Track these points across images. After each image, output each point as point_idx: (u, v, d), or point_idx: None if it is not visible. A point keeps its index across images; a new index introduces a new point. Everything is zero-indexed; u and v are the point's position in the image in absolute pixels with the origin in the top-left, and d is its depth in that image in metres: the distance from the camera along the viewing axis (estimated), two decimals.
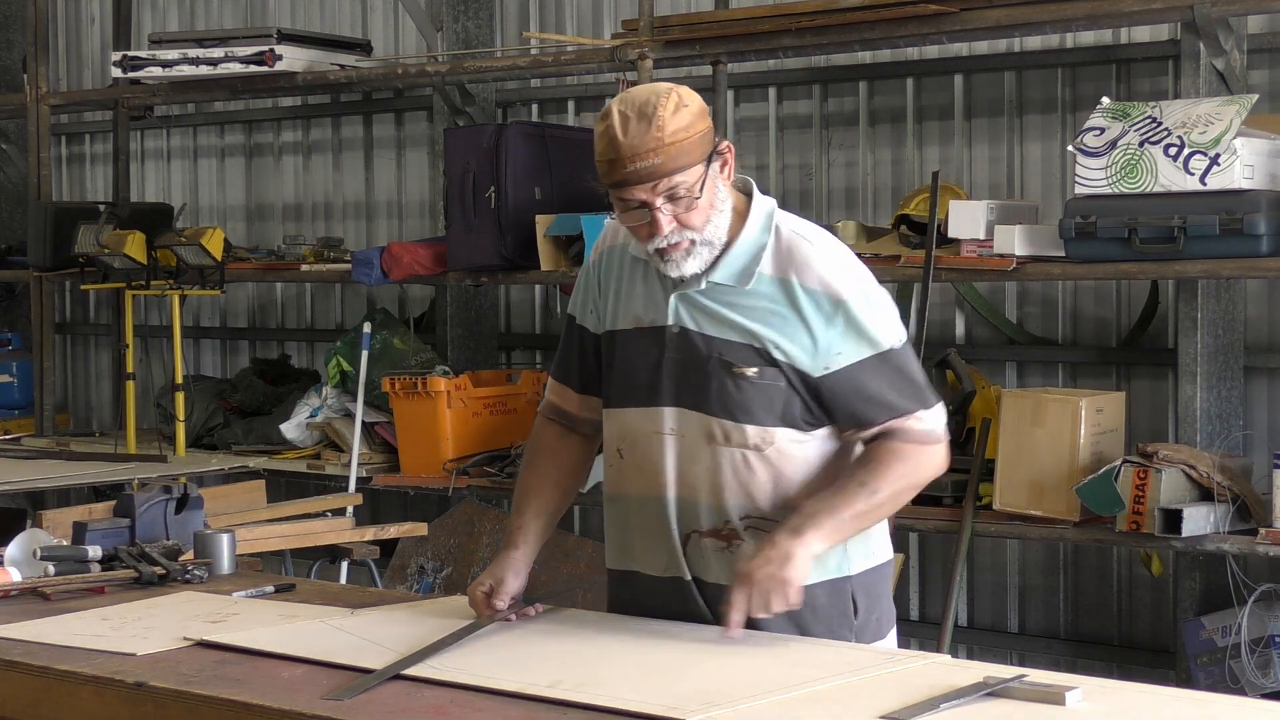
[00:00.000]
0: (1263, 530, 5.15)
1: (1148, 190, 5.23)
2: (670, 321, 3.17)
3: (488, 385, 7.06)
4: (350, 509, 6.03)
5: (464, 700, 2.71)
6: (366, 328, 7.04)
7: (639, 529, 3.26)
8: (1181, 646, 5.56)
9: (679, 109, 3.09)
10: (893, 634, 3.30)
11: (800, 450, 3.15)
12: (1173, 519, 5.17)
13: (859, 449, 3.18)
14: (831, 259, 3.15)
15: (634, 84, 6.40)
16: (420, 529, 6.09)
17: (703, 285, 3.14)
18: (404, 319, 7.94)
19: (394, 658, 2.94)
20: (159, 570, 3.76)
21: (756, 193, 3.22)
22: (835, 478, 3.14)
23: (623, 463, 3.26)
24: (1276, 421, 5.88)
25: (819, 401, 3.13)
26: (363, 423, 6.97)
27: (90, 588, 3.69)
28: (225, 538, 3.93)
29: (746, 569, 3.03)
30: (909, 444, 3.12)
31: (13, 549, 3.81)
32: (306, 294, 8.64)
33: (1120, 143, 5.28)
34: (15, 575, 3.69)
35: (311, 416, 7.31)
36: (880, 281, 3.24)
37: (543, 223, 6.61)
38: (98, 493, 6.95)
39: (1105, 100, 5.51)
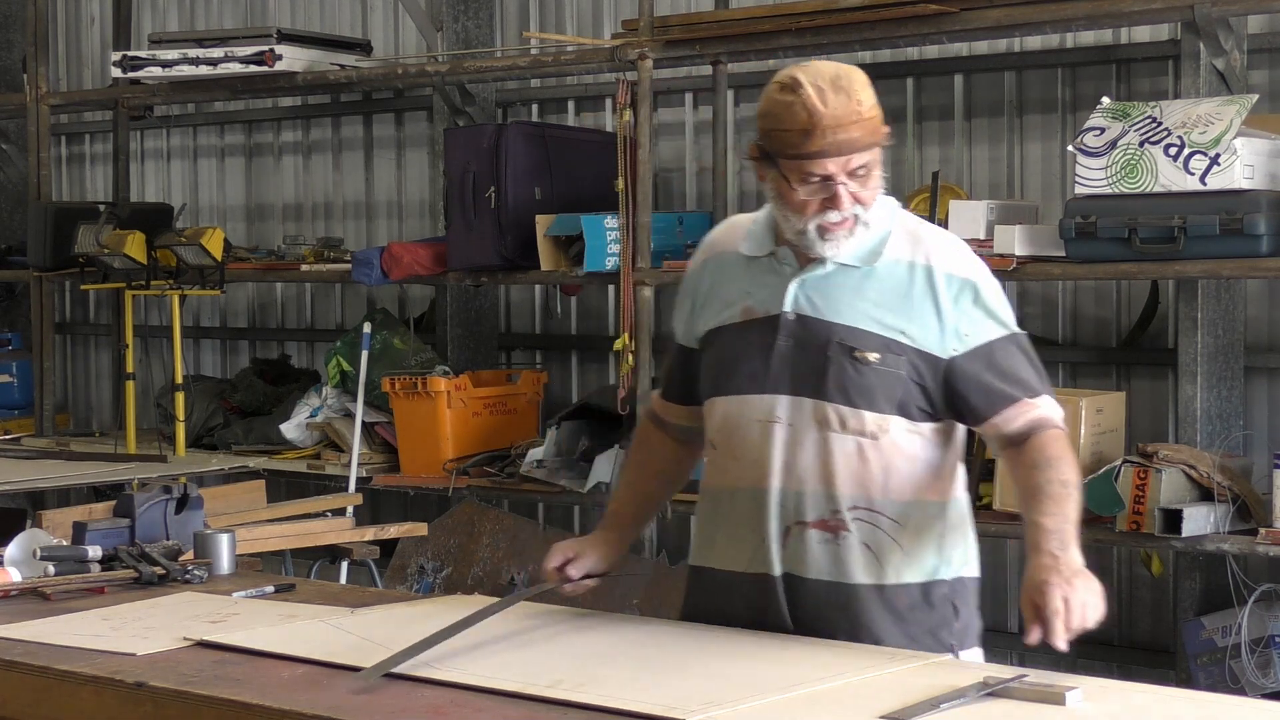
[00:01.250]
0: (1263, 530, 5.15)
1: (1148, 190, 5.23)
2: (787, 309, 3.13)
3: (488, 385, 7.06)
4: (350, 509, 6.02)
5: (464, 700, 2.71)
6: (366, 328, 7.04)
7: (727, 522, 3.22)
8: (1181, 646, 5.56)
9: (866, 86, 3.07)
10: (979, 650, 3.23)
11: (911, 442, 3.11)
12: (1173, 519, 5.17)
13: (995, 436, 3.13)
14: (956, 245, 3.18)
15: (634, 84, 6.41)
16: (420, 529, 6.09)
17: (828, 266, 3.11)
18: (404, 319, 7.94)
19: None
20: (159, 570, 3.76)
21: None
22: (940, 475, 3.14)
23: (716, 454, 3.23)
24: (1276, 421, 5.88)
25: (944, 387, 3.09)
26: (363, 423, 6.97)
27: (90, 588, 3.69)
28: (225, 538, 3.93)
29: (1059, 595, 2.84)
30: (1056, 428, 3.10)
31: (13, 549, 3.81)
32: (306, 294, 8.64)
33: (1120, 143, 5.28)
34: (15, 575, 3.69)
35: (311, 416, 7.31)
36: None
37: (543, 223, 6.61)
38: (98, 493, 6.95)
39: (1105, 100, 5.51)
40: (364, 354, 6.97)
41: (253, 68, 7.29)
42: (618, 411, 6.45)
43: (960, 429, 3.19)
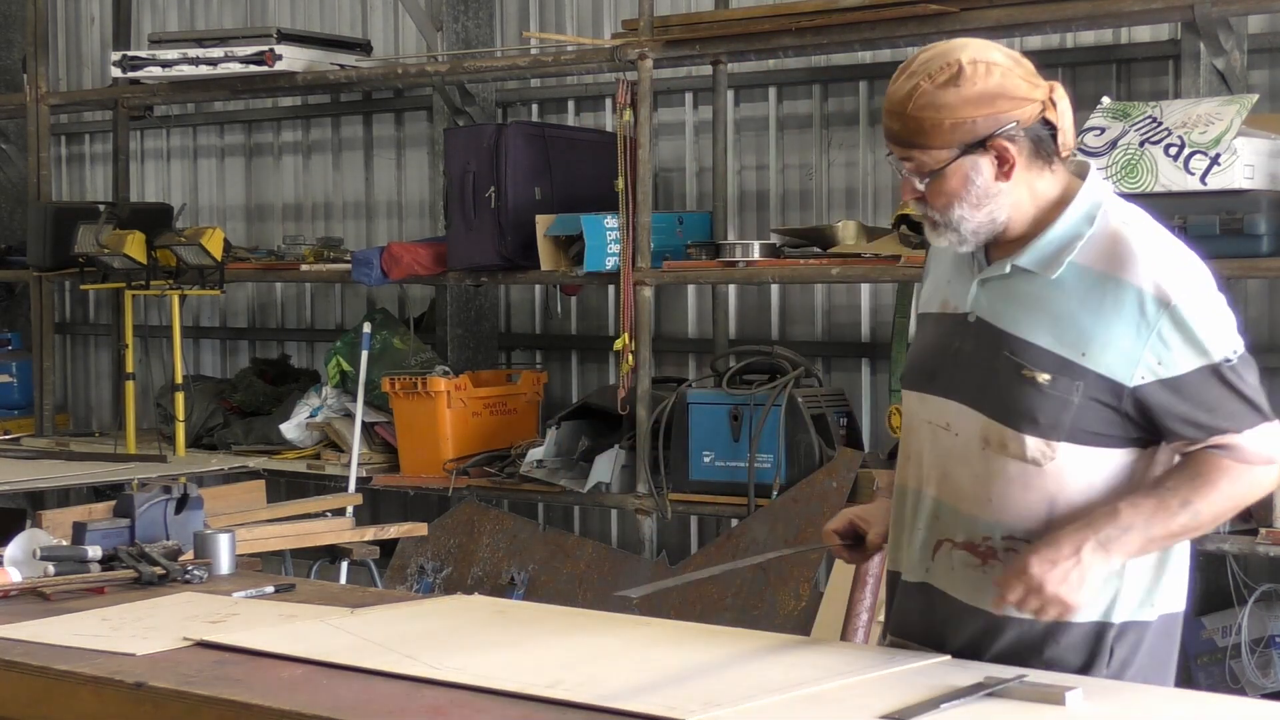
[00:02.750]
0: (1263, 530, 5.15)
1: (1148, 190, 5.23)
2: (969, 309, 2.89)
3: (488, 385, 7.06)
4: (350, 509, 6.02)
5: (464, 700, 2.70)
6: (366, 328, 7.04)
7: (897, 521, 3.01)
8: (1182, 647, 5.55)
9: (950, 86, 2.78)
10: None
11: (1090, 471, 2.80)
12: None
13: (1176, 458, 2.82)
14: (1162, 254, 2.80)
15: (634, 84, 6.41)
16: (420, 529, 6.08)
17: (1007, 269, 2.84)
18: (404, 319, 7.94)
19: (395, 658, 2.94)
20: (159, 570, 3.75)
21: (1092, 179, 2.90)
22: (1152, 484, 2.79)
23: (901, 449, 3.03)
24: None
25: (1127, 415, 2.78)
26: (363, 423, 6.97)
27: (90, 588, 3.68)
28: (225, 538, 3.93)
29: (1037, 571, 2.72)
30: (1239, 462, 2.77)
31: (13, 549, 3.81)
32: (306, 294, 8.64)
33: (1120, 143, 5.28)
34: (15, 575, 3.68)
35: (311, 416, 7.31)
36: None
37: (543, 223, 6.61)
38: (98, 493, 6.96)
39: (1105, 100, 5.51)
40: (364, 354, 6.97)
41: (253, 68, 7.30)
42: (618, 411, 6.45)
43: (1166, 451, 2.85)
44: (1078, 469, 2.81)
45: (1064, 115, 2.90)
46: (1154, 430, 2.80)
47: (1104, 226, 2.83)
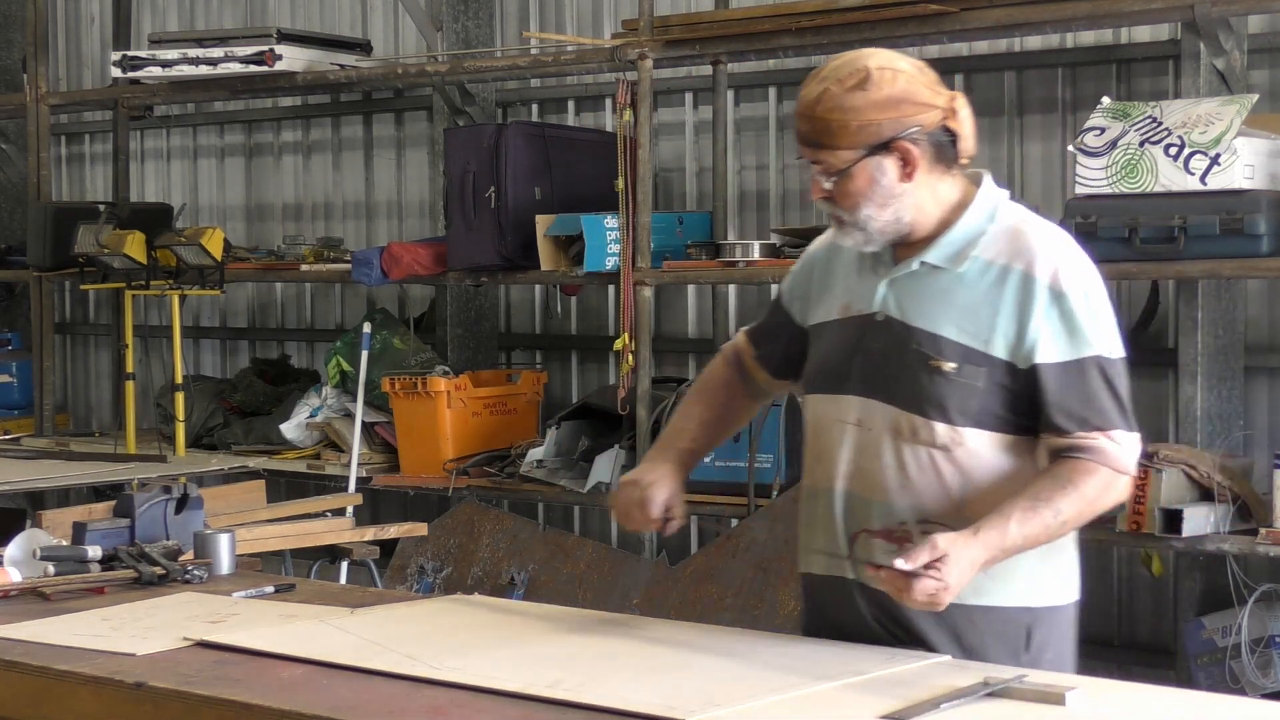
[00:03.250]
0: (1263, 530, 5.15)
1: (1148, 190, 5.23)
2: (877, 309, 3.05)
3: (488, 385, 7.06)
4: (350, 509, 6.02)
5: (464, 700, 2.70)
6: (366, 328, 7.03)
7: (807, 523, 3.15)
8: (1182, 646, 5.56)
9: (857, 90, 2.95)
10: None
11: (996, 456, 2.97)
12: (1173, 519, 5.16)
13: (1044, 460, 2.98)
14: (1058, 248, 2.99)
15: (634, 84, 6.41)
16: (420, 529, 6.08)
17: (914, 267, 3.02)
18: (404, 319, 7.94)
19: (394, 658, 2.94)
20: (159, 570, 3.75)
21: (988, 184, 3.08)
22: (1025, 489, 2.93)
23: (807, 451, 3.17)
24: (1276, 421, 5.88)
25: (1024, 399, 2.95)
26: (363, 423, 6.97)
27: (90, 588, 3.68)
28: (225, 538, 3.93)
29: (912, 560, 2.81)
30: (1104, 466, 2.92)
31: (13, 549, 3.81)
32: (306, 294, 8.64)
33: (1120, 143, 5.28)
34: (15, 575, 3.68)
35: (311, 416, 7.31)
36: None
37: (543, 223, 6.61)
38: (98, 493, 6.95)
39: (1105, 100, 5.51)
40: (364, 354, 6.96)
41: (252, 68, 7.29)
42: (618, 411, 6.45)
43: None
44: (985, 453, 2.97)
45: (965, 123, 3.06)
46: (1038, 417, 2.95)
47: (1003, 223, 3.03)
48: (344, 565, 5.96)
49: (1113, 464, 2.93)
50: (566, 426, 6.68)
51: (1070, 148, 5.44)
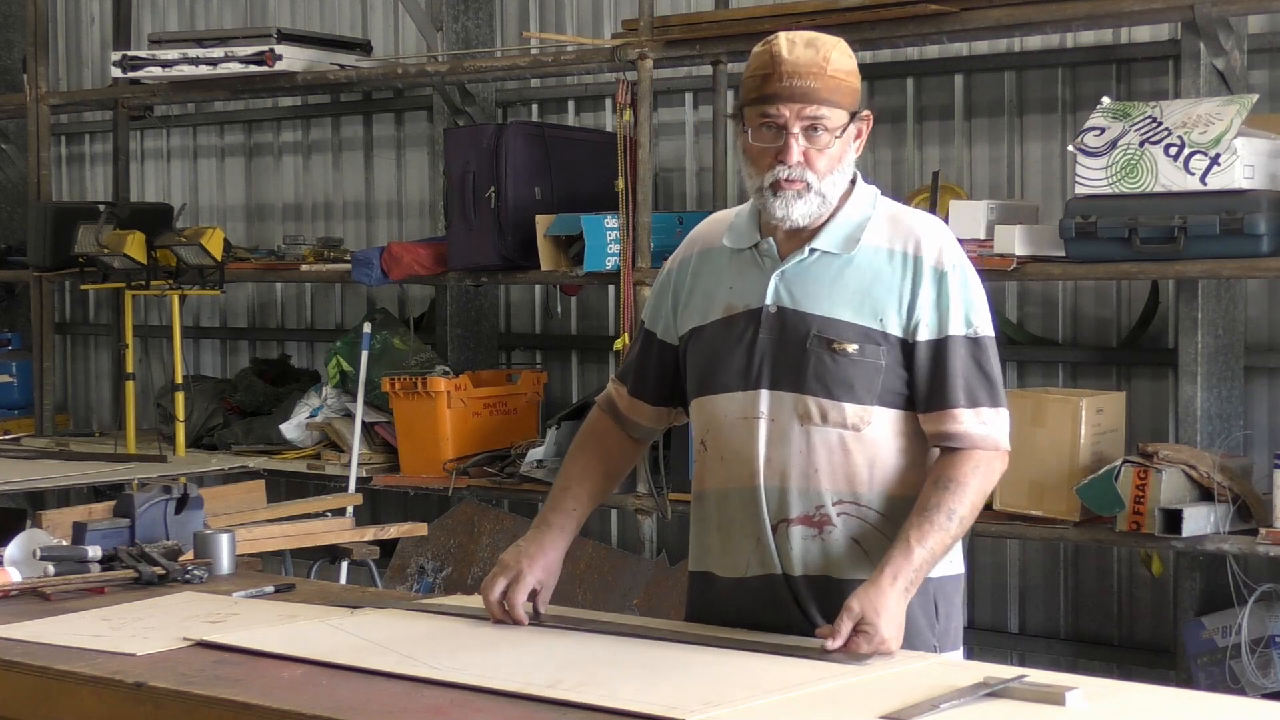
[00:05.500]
0: (1263, 530, 5.15)
1: (1148, 190, 5.23)
2: (768, 302, 3.11)
3: (488, 385, 7.06)
4: (350, 509, 6.02)
5: (464, 700, 2.70)
6: (366, 328, 7.03)
7: (719, 526, 3.18)
8: (1182, 647, 5.56)
9: (844, 55, 3.10)
10: (960, 649, 3.20)
11: (899, 434, 3.09)
12: (1173, 519, 5.17)
13: (934, 453, 3.10)
14: (936, 233, 3.14)
15: (634, 84, 6.41)
16: (420, 529, 6.09)
17: (805, 254, 3.10)
18: (404, 319, 7.94)
19: (395, 658, 2.94)
20: (159, 570, 3.76)
21: (862, 180, 3.20)
22: (927, 469, 3.07)
23: (706, 455, 3.19)
24: (1276, 421, 5.88)
25: (915, 375, 3.07)
26: (363, 423, 6.97)
27: (90, 588, 3.68)
28: (225, 538, 3.93)
29: (838, 636, 2.90)
30: (981, 450, 3.05)
31: (13, 549, 3.81)
32: (306, 294, 8.64)
33: (1120, 143, 5.28)
34: (15, 575, 3.69)
35: (311, 416, 7.31)
36: None
37: (543, 223, 6.61)
38: (98, 493, 6.95)
39: (1105, 100, 5.51)
40: (364, 354, 6.96)
41: (253, 68, 7.29)
42: None
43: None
44: (891, 430, 3.08)
45: None
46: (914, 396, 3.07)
47: (884, 211, 3.15)
48: (344, 565, 5.97)
49: (983, 444, 3.06)
50: (566, 426, 6.68)
51: (1070, 148, 5.44)
